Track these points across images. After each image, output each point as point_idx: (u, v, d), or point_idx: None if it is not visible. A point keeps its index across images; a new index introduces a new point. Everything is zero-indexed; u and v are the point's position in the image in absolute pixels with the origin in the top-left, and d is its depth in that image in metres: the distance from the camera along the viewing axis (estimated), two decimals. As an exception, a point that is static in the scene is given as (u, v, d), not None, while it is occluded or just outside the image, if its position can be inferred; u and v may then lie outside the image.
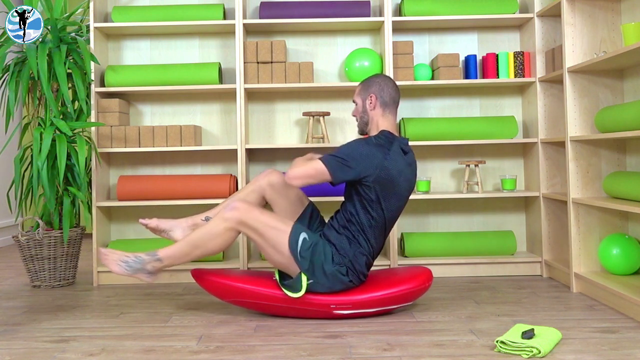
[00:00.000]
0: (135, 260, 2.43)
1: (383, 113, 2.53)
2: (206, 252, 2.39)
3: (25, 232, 3.14)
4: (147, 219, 2.60)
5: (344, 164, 2.34)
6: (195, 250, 2.39)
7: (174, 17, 3.32)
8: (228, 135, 3.51)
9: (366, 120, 2.56)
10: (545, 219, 3.23)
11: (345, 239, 2.42)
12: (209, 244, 2.38)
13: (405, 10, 3.30)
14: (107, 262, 2.44)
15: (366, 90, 2.55)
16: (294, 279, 2.39)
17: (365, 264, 2.43)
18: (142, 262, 2.42)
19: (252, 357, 1.99)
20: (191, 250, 2.39)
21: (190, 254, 2.40)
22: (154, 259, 2.41)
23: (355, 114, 2.60)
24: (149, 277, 2.45)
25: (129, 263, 2.43)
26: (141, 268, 2.43)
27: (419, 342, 2.11)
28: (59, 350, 2.10)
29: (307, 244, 2.36)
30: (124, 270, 2.43)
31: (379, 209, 2.40)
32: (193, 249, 2.39)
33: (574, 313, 2.47)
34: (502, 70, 3.32)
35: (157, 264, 2.42)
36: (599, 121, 2.69)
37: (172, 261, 2.41)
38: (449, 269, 3.25)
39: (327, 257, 2.37)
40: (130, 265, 2.43)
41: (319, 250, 2.37)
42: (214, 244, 2.38)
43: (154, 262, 2.42)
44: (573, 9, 2.86)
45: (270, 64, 3.28)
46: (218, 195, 3.24)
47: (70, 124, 3.10)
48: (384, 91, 2.53)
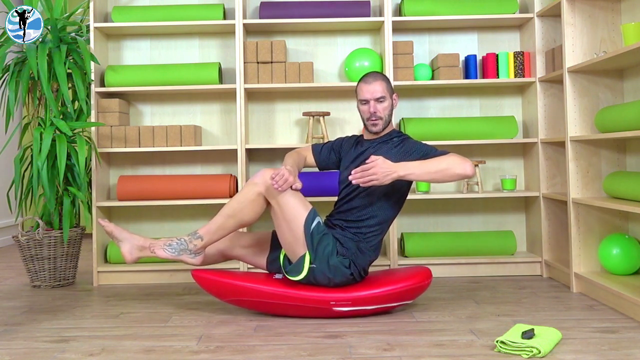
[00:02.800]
0: (179, 242, 2.47)
1: None
2: (240, 221, 2.41)
3: (25, 232, 3.14)
4: (106, 222, 2.60)
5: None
6: (230, 219, 2.41)
7: (174, 17, 3.32)
8: (228, 135, 3.51)
9: (391, 119, 2.59)
10: (545, 219, 3.23)
11: (351, 235, 2.46)
12: (242, 212, 2.40)
13: (405, 10, 3.30)
14: (154, 249, 2.48)
15: (391, 88, 2.59)
16: (297, 261, 2.40)
17: (369, 261, 2.48)
18: (185, 242, 2.46)
19: (252, 357, 1.99)
20: (225, 220, 2.41)
21: (224, 224, 2.42)
22: (195, 237, 2.45)
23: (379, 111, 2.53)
24: (193, 259, 2.49)
25: (173, 246, 2.47)
26: (185, 248, 2.46)
27: (419, 342, 2.11)
28: (59, 350, 2.10)
29: (321, 229, 2.40)
30: (169, 253, 2.46)
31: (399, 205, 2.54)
32: (227, 218, 2.41)
33: (574, 313, 2.47)
34: (502, 70, 3.32)
35: (198, 242, 2.45)
36: (599, 121, 2.69)
37: (211, 236, 2.44)
38: (449, 269, 3.25)
39: (332, 250, 2.39)
40: (174, 248, 2.47)
41: (327, 241, 2.40)
42: (247, 211, 2.40)
43: (195, 241, 2.45)
44: (573, 9, 2.86)
45: (270, 64, 3.28)
46: (218, 195, 3.24)
47: (70, 124, 3.10)
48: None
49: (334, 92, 3.51)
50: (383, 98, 2.52)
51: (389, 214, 2.50)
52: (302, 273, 2.40)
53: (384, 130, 2.57)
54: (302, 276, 2.40)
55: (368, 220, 2.47)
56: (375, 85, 2.52)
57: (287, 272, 2.45)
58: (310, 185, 3.22)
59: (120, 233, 2.57)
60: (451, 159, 2.31)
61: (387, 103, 2.53)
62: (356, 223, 2.48)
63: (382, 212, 2.48)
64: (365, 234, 2.47)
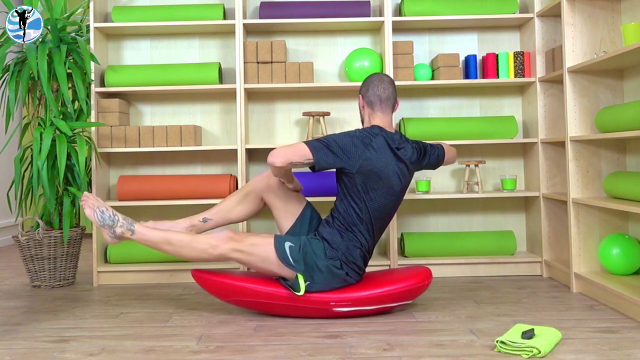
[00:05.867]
0: (110, 217, 2.46)
1: (371, 112, 2.59)
2: (176, 253, 2.42)
3: (25, 232, 3.14)
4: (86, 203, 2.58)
5: (328, 149, 2.39)
6: (167, 245, 2.41)
7: (174, 17, 3.32)
8: (228, 135, 3.51)
9: (362, 118, 2.66)
10: (545, 219, 3.23)
11: (337, 232, 2.44)
12: (184, 250, 2.40)
13: (405, 10, 3.30)
14: (85, 204, 2.49)
15: (360, 90, 2.64)
16: (292, 281, 2.41)
17: (360, 256, 2.44)
18: (115, 222, 2.46)
19: (252, 357, 1.99)
20: (163, 245, 2.42)
21: (160, 245, 2.42)
22: (128, 227, 2.45)
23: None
24: (112, 239, 2.48)
25: (104, 215, 2.47)
26: (111, 226, 2.46)
27: (419, 342, 2.11)
28: (59, 350, 2.10)
29: (296, 249, 2.40)
30: (96, 219, 2.47)
31: (362, 200, 2.43)
32: (166, 243, 2.41)
33: (574, 313, 2.47)
34: (502, 70, 3.32)
35: (127, 233, 2.45)
36: (599, 121, 2.69)
37: (141, 241, 2.44)
38: (449, 269, 3.25)
39: (318, 253, 2.39)
40: (104, 218, 2.46)
41: (309, 250, 2.40)
42: (187, 253, 2.41)
43: (125, 230, 2.45)
44: (573, 9, 2.86)
45: (270, 64, 3.28)
46: (218, 195, 3.24)
47: (70, 124, 3.10)
48: (369, 91, 2.58)
49: (334, 92, 3.51)
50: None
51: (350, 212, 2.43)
52: (301, 291, 2.40)
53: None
54: (302, 293, 2.40)
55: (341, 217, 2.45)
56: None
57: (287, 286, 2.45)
58: (310, 185, 3.22)
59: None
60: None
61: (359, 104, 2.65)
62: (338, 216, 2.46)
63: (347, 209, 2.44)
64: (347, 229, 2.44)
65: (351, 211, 2.43)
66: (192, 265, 3.24)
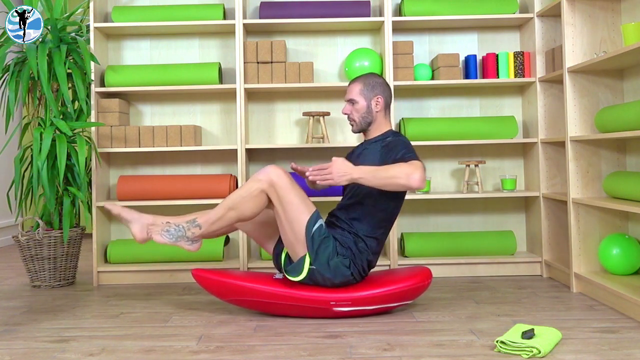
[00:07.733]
0: (177, 229, 2.45)
1: (385, 114, 2.59)
2: (240, 214, 2.39)
3: (25, 232, 3.14)
4: (112, 205, 2.58)
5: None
6: (230, 212, 2.39)
7: (174, 17, 3.32)
8: (228, 135, 3.51)
9: (370, 120, 2.58)
10: (545, 219, 3.23)
11: (350, 235, 2.45)
12: (243, 206, 2.38)
13: (405, 10, 3.30)
14: (152, 233, 2.46)
15: (372, 90, 2.56)
16: (297, 261, 2.40)
17: (367, 260, 2.46)
18: (183, 229, 2.44)
19: (252, 357, 1.99)
20: (226, 212, 2.40)
21: (224, 216, 2.40)
22: (193, 225, 2.44)
23: (348, 111, 2.59)
24: (190, 245, 2.47)
25: (170, 232, 2.45)
26: (183, 235, 2.45)
27: (419, 342, 2.11)
28: (59, 350, 2.10)
29: (322, 232, 2.39)
30: (167, 239, 2.45)
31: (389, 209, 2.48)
32: (228, 210, 2.39)
33: (574, 313, 2.47)
34: (502, 70, 3.32)
35: (196, 230, 2.44)
36: (599, 121, 2.69)
37: (209, 226, 2.42)
38: (449, 269, 3.25)
39: (332, 251, 2.39)
40: (172, 234, 2.45)
41: (327, 244, 2.39)
42: (248, 206, 2.38)
43: (193, 229, 2.44)
44: (573, 9, 2.86)
45: (270, 64, 3.28)
46: (218, 195, 3.24)
47: (70, 124, 3.10)
48: (386, 92, 2.58)
49: (334, 92, 3.51)
50: (354, 100, 2.56)
51: (383, 215, 2.47)
52: (302, 274, 2.40)
53: (372, 131, 2.60)
54: (302, 277, 2.40)
55: (365, 220, 2.46)
56: (351, 86, 2.59)
57: (287, 272, 2.45)
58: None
59: (128, 214, 2.56)
60: (401, 169, 2.25)
61: (360, 105, 2.55)
62: (353, 222, 2.47)
63: (378, 212, 2.46)
64: (363, 233, 2.46)
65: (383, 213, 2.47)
66: (192, 265, 3.24)
